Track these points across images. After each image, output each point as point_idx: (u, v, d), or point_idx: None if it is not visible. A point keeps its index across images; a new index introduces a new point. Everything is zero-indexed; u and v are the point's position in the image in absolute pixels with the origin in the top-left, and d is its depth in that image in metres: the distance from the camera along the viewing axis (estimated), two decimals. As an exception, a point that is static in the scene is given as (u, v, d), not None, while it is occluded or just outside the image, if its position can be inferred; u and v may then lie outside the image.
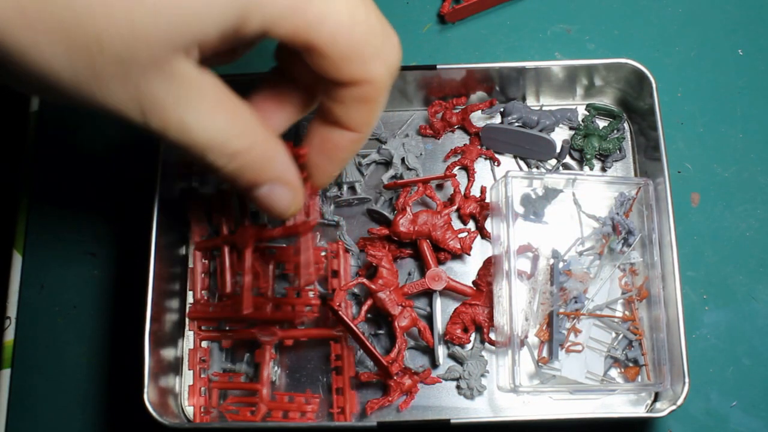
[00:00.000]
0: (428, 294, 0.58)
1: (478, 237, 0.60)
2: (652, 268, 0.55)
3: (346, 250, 0.58)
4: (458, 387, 0.56)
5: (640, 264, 0.57)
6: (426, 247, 0.58)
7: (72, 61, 0.34)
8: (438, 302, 0.57)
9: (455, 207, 0.59)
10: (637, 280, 0.57)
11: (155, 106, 0.37)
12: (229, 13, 0.36)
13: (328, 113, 0.44)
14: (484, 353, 0.57)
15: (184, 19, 0.35)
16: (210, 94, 0.39)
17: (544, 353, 0.55)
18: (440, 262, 0.58)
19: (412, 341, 0.57)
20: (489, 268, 0.57)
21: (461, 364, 0.56)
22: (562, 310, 0.55)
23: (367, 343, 0.52)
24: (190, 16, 0.35)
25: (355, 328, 0.52)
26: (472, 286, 0.58)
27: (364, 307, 0.55)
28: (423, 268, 0.58)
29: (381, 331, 0.57)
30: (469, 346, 0.57)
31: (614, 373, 0.56)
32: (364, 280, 0.55)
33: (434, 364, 0.57)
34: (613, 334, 0.56)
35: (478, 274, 0.58)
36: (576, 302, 0.55)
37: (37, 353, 0.60)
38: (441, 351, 0.56)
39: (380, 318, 0.57)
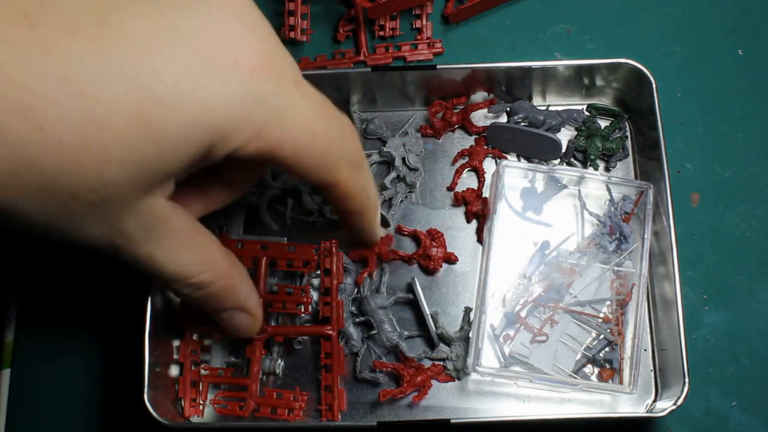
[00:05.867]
0: (408, 283, 0.59)
1: (473, 240, 0.60)
2: (639, 276, 0.56)
3: (339, 249, 0.58)
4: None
5: (630, 270, 0.57)
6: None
7: (48, 211, 0.35)
8: (419, 287, 0.57)
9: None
10: (626, 286, 0.57)
11: (126, 243, 0.39)
12: (194, 152, 0.37)
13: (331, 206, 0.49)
14: (471, 335, 0.57)
15: (150, 165, 0.36)
16: (179, 230, 0.41)
17: (512, 334, 0.56)
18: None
19: (406, 332, 0.57)
20: None
21: (449, 345, 0.56)
22: (533, 298, 0.56)
23: None
24: (157, 162, 0.36)
25: None
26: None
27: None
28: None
29: (374, 332, 0.57)
30: (456, 327, 0.57)
31: (589, 372, 0.56)
32: None
33: (432, 346, 0.57)
34: (593, 334, 0.56)
35: None
36: (556, 294, 0.56)
37: (37, 353, 0.60)
38: (435, 333, 0.57)
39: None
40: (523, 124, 0.61)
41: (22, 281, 0.61)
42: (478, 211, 0.59)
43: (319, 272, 0.57)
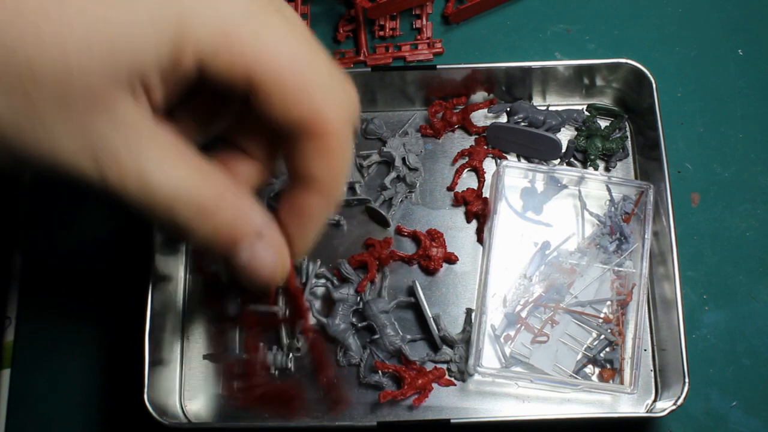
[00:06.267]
0: (409, 286, 0.59)
1: (474, 240, 0.60)
2: (640, 276, 0.56)
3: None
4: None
5: (630, 270, 0.57)
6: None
7: (9, 97, 0.33)
8: (420, 290, 0.57)
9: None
10: (627, 286, 0.57)
11: (109, 155, 0.35)
12: (161, 39, 0.34)
13: (289, 173, 0.41)
14: (472, 336, 0.57)
15: (116, 47, 0.33)
16: (169, 145, 0.37)
17: (512, 335, 0.56)
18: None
19: (409, 336, 0.57)
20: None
21: (452, 347, 0.56)
22: (534, 298, 0.56)
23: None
24: (122, 43, 0.34)
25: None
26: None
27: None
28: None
29: (376, 336, 0.57)
30: (457, 327, 0.57)
31: (589, 372, 0.56)
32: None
33: (435, 349, 0.57)
34: (594, 334, 0.56)
35: None
36: (557, 294, 0.56)
37: (37, 353, 0.59)
38: (438, 336, 0.57)
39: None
40: (523, 124, 0.61)
41: (22, 281, 0.61)
42: (478, 211, 0.59)
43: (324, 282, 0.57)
